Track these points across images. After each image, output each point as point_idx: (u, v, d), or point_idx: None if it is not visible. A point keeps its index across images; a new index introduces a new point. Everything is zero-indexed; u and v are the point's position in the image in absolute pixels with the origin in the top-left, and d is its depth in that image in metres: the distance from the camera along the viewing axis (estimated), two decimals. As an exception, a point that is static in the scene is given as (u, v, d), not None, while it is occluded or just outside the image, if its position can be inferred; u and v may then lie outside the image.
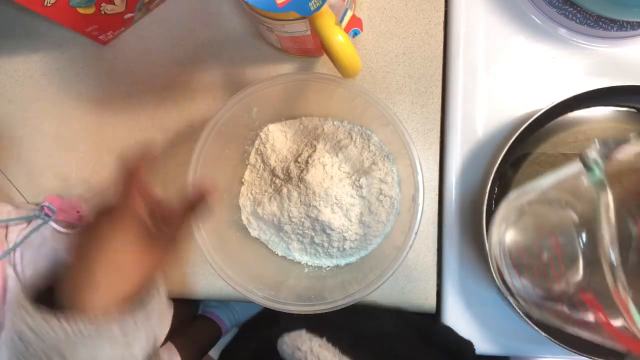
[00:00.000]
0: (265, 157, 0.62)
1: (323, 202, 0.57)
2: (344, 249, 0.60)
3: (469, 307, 0.63)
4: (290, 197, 0.58)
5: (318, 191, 0.57)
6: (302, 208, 0.58)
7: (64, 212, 0.66)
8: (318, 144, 0.60)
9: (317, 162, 0.58)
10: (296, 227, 0.59)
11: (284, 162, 0.61)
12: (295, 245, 0.61)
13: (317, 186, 0.57)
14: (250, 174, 0.64)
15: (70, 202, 0.68)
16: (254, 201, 0.62)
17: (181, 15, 0.67)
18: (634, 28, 0.59)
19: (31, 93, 0.70)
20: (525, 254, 0.42)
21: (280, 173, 0.61)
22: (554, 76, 0.62)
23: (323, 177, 0.58)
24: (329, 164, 0.59)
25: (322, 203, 0.57)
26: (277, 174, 0.61)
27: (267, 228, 0.62)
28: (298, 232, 0.60)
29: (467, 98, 0.63)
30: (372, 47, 0.65)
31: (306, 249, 0.61)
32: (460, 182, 0.63)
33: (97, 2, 0.58)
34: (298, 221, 0.59)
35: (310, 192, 0.57)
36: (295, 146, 0.62)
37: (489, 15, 0.62)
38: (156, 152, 0.48)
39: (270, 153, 0.62)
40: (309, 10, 0.42)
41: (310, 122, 0.63)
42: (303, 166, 0.59)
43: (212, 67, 0.67)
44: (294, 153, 0.62)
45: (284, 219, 0.59)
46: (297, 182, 0.58)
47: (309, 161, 0.59)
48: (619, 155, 0.32)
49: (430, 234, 0.65)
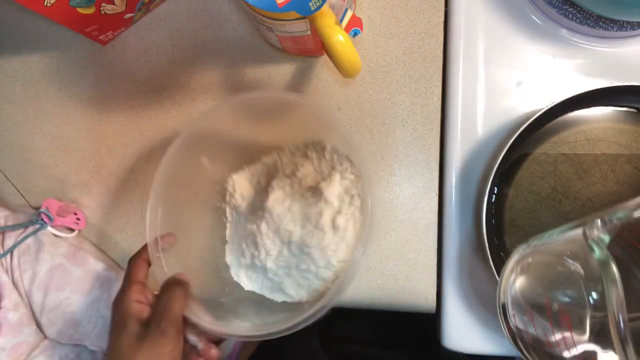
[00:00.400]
0: (238, 208, 0.61)
1: (289, 222, 0.56)
2: (330, 264, 0.55)
3: (469, 307, 0.63)
4: (260, 231, 0.57)
5: (281, 212, 0.56)
6: (276, 237, 0.57)
7: (62, 216, 0.66)
8: (277, 173, 0.60)
9: (276, 187, 0.57)
10: (278, 260, 0.57)
11: (251, 205, 0.61)
12: (287, 282, 0.58)
13: (279, 207, 0.56)
14: (230, 229, 0.62)
15: (69, 206, 0.68)
16: (239, 254, 0.60)
17: (181, 15, 0.67)
18: (634, 28, 0.59)
19: (31, 93, 0.70)
20: (531, 304, 0.42)
21: (251, 215, 0.60)
22: (554, 76, 0.62)
23: (283, 197, 0.57)
24: (287, 185, 0.58)
25: (289, 223, 0.56)
26: (249, 218, 0.60)
27: (256, 276, 0.60)
28: (283, 266, 0.57)
29: (467, 98, 0.63)
30: (372, 47, 0.65)
31: (298, 281, 0.57)
32: (460, 182, 0.63)
33: (97, 2, 0.58)
34: (277, 253, 0.57)
35: (275, 217, 0.56)
36: (260, 187, 0.62)
37: (489, 15, 0.62)
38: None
39: (241, 202, 0.61)
40: (309, 10, 0.42)
41: (270, 159, 0.62)
42: (263, 197, 0.58)
43: (212, 67, 0.67)
44: (259, 193, 0.61)
45: (263, 256, 0.57)
46: (262, 214, 0.57)
47: (268, 190, 0.58)
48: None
49: (430, 234, 0.65)
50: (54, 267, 0.64)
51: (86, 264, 0.65)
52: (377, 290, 0.65)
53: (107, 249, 0.70)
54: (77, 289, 0.63)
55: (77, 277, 0.64)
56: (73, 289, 0.63)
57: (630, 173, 0.60)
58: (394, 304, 0.66)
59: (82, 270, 0.64)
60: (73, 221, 0.67)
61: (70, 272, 0.64)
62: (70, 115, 0.69)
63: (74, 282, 0.64)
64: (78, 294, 0.63)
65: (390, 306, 0.66)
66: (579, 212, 0.60)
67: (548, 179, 0.60)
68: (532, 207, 0.60)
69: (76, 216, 0.67)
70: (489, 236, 0.56)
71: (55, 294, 0.63)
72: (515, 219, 0.61)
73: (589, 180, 0.60)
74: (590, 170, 0.60)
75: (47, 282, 0.63)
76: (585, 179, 0.60)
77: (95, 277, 0.65)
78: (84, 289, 0.63)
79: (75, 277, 0.64)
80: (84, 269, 0.65)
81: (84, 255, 0.66)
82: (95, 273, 0.65)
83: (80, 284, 0.64)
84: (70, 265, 0.64)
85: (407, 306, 0.65)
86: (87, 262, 0.65)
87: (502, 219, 0.61)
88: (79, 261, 0.65)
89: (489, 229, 0.58)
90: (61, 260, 0.64)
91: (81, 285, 0.64)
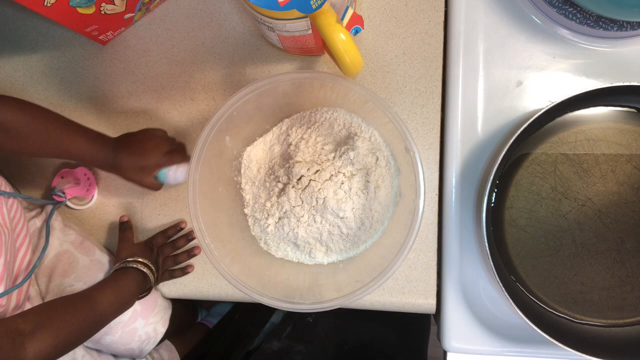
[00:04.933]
0: (255, 179, 0.62)
1: (320, 185, 0.56)
2: (362, 224, 0.58)
3: (469, 307, 0.63)
4: (289, 199, 0.57)
5: (310, 175, 0.56)
6: (305, 203, 0.57)
7: (75, 185, 0.68)
8: (290, 136, 0.60)
9: (298, 149, 0.57)
10: (309, 227, 0.58)
11: (271, 172, 0.61)
12: (318, 247, 0.60)
13: (305, 172, 0.56)
14: (250, 202, 0.62)
15: (79, 169, 0.68)
16: (263, 226, 0.61)
17: (181, 15, 0.67)
18: (634, 28, 0.59)
19: (31, 93, 0.70)
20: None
21: (272, 183, 0.60)
22: (554, 76, 0.62)
23: (311, 160, 0.57)
24: (311, 142, 0.58)
25: (320, 186, 0.56)
26: (268, 186, 0.60)
27: (285, 245, 0.61)
28: (314, 232, 0.58)
29: (467, 98, 0.63)
30: (372, 46, 0.65)
31: (328, 246, 0.60)
32: (460, 182, 0.63)
33: (97, 2, 0.58)
34: (308, 218, 0.57)
35: (304, 182, 0.56)
36: (276, 151, 0.62)
37: (489, 15, 0.63)
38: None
39: (257, 173, 0.61)
40: (311, 8, 0.42)
41: (283, 124, 0.62)
42: (287, 163, 0.58)
43: (212, 67, 0.67)
44: (276, 160, 0.61)
45: (293, 224, 0.58)
46: (288, 181, 0.58)
47: (290, 154, 0.58)
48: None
49: (430, 234, 0.65)
50: (61, 252, 0.64)
51: (93, 254, 0.66)
52: (377, 290, 0.65)
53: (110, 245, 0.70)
54: (81, 276, 0.64)
55: (82, 265, 0.64)
56: (77, 276, 0.64)
57: (630, 173, 0.60)
58: (394, 304, 0.65)
59: (89, 260, 0.65)
60: (85, 188, 0.68)
61: (76, 259, 0.64)
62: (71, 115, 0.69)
63: (79, 269, 0.64)
64: (82, 281, 0.63)
65: (390, 306, 0.66)
66: (579, 212, 0.60)
67: (548, 179, 0.60)
68: (532, 207, 0.60)
69: (86, 175, 0.68)
70: (489, 236, 0.56)
71: (60, 279, 0.63)
72: (515, 219, 0.61)
73: (589, 180, 0.60)
74: (590, 170, 0.60)
75: (53, 267, 0.63)
76: (585, 179, 0.60)
77: (100, 268, 0.65)
78: (88, 277, 0.64)
79: (81, 265, 0.64)
80: (90, 258, 0.65)
81: (90, 245, 0.66)
82: (100, 264, 0.66)
83: (85, 272, 0.64)
84: (77, 253, 0.65)
85: (407, 306, 0.65)
86: (94, 252, 0.66)
87: (502, 219, 0.61)
88: (86, 250, 0.66)
89: (489, 229, 0.58)
90: (68, 247, 0.65)
91: (85, 274, 0.64)
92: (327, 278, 0.59)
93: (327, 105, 0.61)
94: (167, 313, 0.71)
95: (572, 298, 0.60)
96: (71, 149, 0.57)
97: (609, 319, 0.60)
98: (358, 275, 0.56)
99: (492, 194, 0.60)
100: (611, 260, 0.60)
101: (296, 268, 0.61)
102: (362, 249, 0.60)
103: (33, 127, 0.54)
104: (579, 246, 0.60)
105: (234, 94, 0.53)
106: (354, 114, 0.60)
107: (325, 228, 0.58)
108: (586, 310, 0.60)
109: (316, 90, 0.58)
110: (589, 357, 0.54)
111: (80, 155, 0.58)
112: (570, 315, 0.60)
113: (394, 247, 0.53)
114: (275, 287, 0.56)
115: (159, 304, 0.69)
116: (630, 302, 0.59)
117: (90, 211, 0.69)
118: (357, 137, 0.58)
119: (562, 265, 0.60)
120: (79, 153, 0.58)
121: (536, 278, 0.60)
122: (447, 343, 0.64)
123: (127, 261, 0.62)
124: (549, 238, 0.60)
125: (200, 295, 0.68)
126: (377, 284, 0.52)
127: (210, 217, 0.56)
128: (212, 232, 0.55)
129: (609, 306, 0.59)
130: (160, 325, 0.70)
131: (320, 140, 0.59)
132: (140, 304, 0.66)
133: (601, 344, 0.58)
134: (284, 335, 0.83)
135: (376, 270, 0.53)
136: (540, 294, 0.60)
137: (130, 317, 0.66)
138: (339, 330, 0.83)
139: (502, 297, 0.61)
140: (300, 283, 0.59)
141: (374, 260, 0.58)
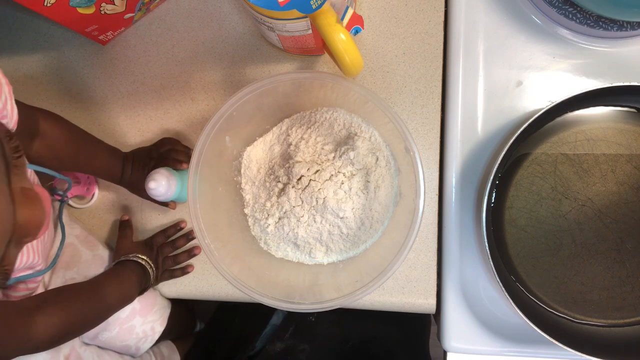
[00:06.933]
0: (255, 179, 0.62)
1: (320, 185, 0.56)
2: (362, 224, 0.58)
3: (469, 307, 0.63)
4: (289, 199, 0.57)
5: (307, 177, 0.56)
6: (305, 204, 0.57)
7: (76, 184, 0.68)
8: (290, 136, 0.60)
9: (297, 155, 0.57)
10: (309, 227, 0.58)
11: (271, 172, 0.61)
12: (318, 247, 0.60)
13: (305, 173, 0.56)
14: (250, 202, 0.62)
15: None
16: (263, 226, 0.61)
17: (181, 15, 0.67)
18: (634, 28, 0.59)
19: (31, 93, 0.70)
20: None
21: (272, 183, 0.60)
22: (554, 76, 0.62)
23: (308, 164, 0.57)
24: (311, 142, 0.58)
25: (320, 186, 0.56)
26: (268, 186, 0.60)
27: (285, 245, 0.61)
28: (314, 232, 0.58)
29: (467, 98, 0.63)
30: (372, 46, 0.65)
31: (328, 246, 0.60)
32: (460, 182, 0.63)
33: (97, 2, 0.58)
34: (309, 218, 0.57)
35: (304, 182, 0.56)
36: (276, 151, 0.62)
37: (489, 15, 0.63)
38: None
39: (257, 173, 0.62)
40: (311, 8, 0.42)
41: (283, 124, 0.62)
42: (287, 163, 0.58)
43: (212, 67, 0.67)
44: (276, 160, 0.61)
45: (293, 224, 0.58)
46: (288, 182, 0.57)
47: (289, 159, 0.58)
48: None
49: (430, 234, 0.65)
50: (65, 245, 0.64)
51: (96, 249, 0.66)
52: (377, 290, 0.65)
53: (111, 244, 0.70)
54: (83, 270, 0.64)
55: (85, 259, 0.64)
56: (79, 269, 0.64)
57: (630, 173, 0.60)
58: (394, 304, 0.65)
59: (92, 254, 0.65)
60: (86, 187, 0.68)
61: (80, 253, 0.65)
62: (70, 115, 0.69)
63: (81, 263, 0.64)
64: (83, 275, 0.63)
65: (390, 306, 0.66)
66: (579, 212, 0.60)
67: (548, 179, 0.60)
68: (532, 207, 0.60)
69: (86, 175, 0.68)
70: (489, 236, 0.56)
71: (62, 271, 0.63)
72: (515, 219, 0.61)
73: (589, 180, 0.60)
74: (590, 170, 0.60)
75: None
76: (585, 179, 0.60)
77: (102, 263, 0.65)
78: (89, 272, 0.64)
79: (83, 259, 0.64)
80: (93, 253, 0.65)
81: (94, 240, 0.67)
82: (102, 259, 0.66)
83: (87, 266, 0.64)
84: (81, 247, 0.65)
85: (407, 306, 0.65)
86: (97, 247, 0.66)
87: (502, 219, 0.61)
88: (90, 245, 0.66)
89: (489, 229, 0.58)
90: (73, 240, 0.65)
91: (87, 268, 0.64)
92: (327, 278, 0.59)
93: (327, 105, 0.61)
94: (166, 312, 0.71)
95: (572, 298, 0.60)
96: (95, 164, 0.61)
97: (609, 319, 0.60)
98: (358, 275, 0.56)
99: (492, 194, 0.60)
100: (611, 260, 0.60)
101: (296, 268, 0.61)
102: (362, 249, 0.60)
103: (70, 141, 0.57)
104: (579, 246, 0.60)
105: (234, 94, 0.53)
106: (354, 114, 0.59)
107: (325, 228, 0.58)
108: (586, 310, 0.60)
109: (316, 90, 0.58)
110: (589, 357, 0.54)
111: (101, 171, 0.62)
112: (570, 315, 0.60)
113: (394, 247, 0.53)
114: (275, 287, 0.56)
115: (158, 302, 0.69)
116: (630, 302, 0.59)
117: (90, 210, 0.69)
118: (357, 137, 0.58)
119: (562, 265, 0.60)
120: (100, 169, 0.62)
121: (536, 278, 0.60)
122: (447, 343, 0.64)
123: (127, 256, 0.62)
124: (549, 238, 0.60)
125: (200, 295, 0.68)
126: (377, 284, 0.52)
127: (210, 217, 0.56)
128: (212, 232, 0.55)
129: (609, 306, 0.59)
130: (158, 324, 0.70)
131: (320, 140, 0.59)
132: (139, 302, 0.66)
133: (601, 344, 0.58)
134: (286, 335, 0.83)
135: (376, 270, 0.53)
136: (540, 294, 0.60)
137: (128, 315, 0.66)
138: (341, 328, 0.83)
139: (502, 297, 0.61)
140: (300, 283, 0.59)
141: (374, 260, 0.57)
